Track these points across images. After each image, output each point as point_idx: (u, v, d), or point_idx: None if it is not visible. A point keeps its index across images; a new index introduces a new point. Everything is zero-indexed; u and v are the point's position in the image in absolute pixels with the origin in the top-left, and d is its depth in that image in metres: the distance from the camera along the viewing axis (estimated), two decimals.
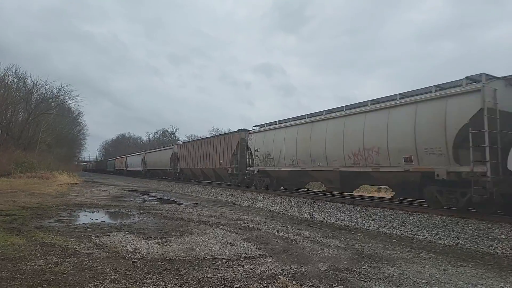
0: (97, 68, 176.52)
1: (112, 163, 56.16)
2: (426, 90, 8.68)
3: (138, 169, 38.57)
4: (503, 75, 7.74)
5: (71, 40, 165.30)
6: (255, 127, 16.18)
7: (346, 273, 3.90)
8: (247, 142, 16.41)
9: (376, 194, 17.96)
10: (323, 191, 16.48)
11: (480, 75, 7.57)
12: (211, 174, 21.19)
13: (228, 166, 18.22)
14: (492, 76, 7.63)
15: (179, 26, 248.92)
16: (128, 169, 43.50)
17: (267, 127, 15.13)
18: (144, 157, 36.26)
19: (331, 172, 11.25)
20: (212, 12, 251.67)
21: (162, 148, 33.09)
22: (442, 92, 8.15)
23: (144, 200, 12.28)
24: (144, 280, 3.22)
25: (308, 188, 17.49)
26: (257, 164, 15.22)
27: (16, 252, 3.95)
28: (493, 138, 7.11)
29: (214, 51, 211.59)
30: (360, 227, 8.22)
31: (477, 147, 7.17)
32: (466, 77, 7.76)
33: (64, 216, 7.08)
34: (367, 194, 17.24)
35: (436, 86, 8.42)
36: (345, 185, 11.57)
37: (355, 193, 13.60)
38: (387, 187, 13.44)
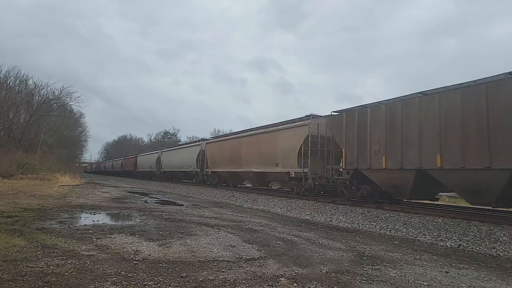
0: (86, 65, 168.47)
1: None
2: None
3: None
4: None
5: (57, 34, 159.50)
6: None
7: (348, 275, 3.89)
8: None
9: None
10: None
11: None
12: None
13: None
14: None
15: (172, 22, 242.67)
16: None
17: None
18: None
19: None
20: (206, 7, 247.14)
21: None
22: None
23: (145, 201, 12.28)
24: (145, 282, 3.22)
25: None
26: None
27: (17, 253, 3.96)
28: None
29: (208, 48, 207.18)
30: (362, 229, 8.20)
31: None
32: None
33: (65, 218, 7.09)
34: None
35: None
36: None
37: None
38: None
